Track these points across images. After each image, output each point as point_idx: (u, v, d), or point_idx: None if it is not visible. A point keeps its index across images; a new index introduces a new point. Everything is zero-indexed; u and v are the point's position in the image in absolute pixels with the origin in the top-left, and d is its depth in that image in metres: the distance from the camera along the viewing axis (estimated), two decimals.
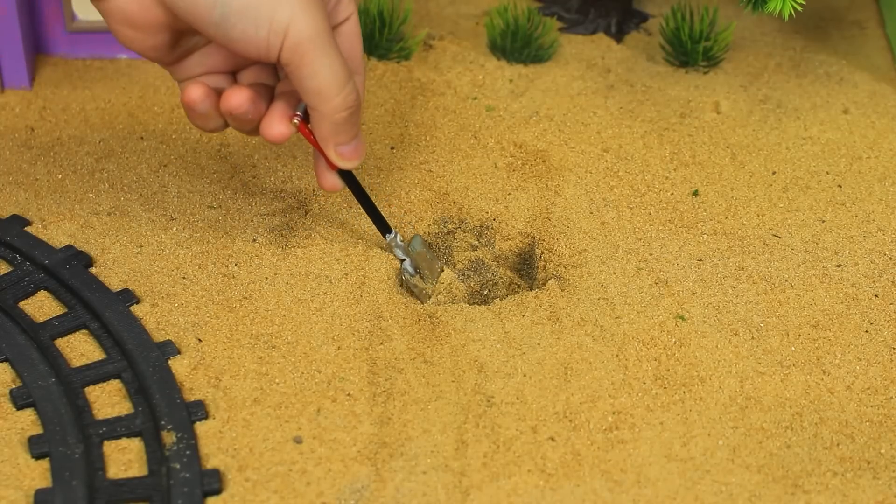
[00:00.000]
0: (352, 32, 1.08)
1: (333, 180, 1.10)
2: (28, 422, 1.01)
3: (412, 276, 1.15)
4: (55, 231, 1.17)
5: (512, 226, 1.21)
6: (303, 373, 1.05)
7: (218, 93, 1.05)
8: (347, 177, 1.11)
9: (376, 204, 1.15)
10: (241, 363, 1.06)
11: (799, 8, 1.26)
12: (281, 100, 1.05)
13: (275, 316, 1.10)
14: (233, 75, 1.09)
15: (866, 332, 1.11)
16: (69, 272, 1.12)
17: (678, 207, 1.22)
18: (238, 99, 1.03)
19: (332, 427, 1.01)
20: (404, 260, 1.15)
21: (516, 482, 0.97)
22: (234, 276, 1.13)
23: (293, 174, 1.24)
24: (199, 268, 1.14)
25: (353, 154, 1.07)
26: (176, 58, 1.06)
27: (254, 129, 1.06)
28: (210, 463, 0.98)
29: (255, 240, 1.17)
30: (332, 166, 1.09)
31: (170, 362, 1.05)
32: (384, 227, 1.15)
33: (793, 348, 1.09)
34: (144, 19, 1.00)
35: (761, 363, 1.07)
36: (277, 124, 1.04)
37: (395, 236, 1.15)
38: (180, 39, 1.04)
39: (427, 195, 1.22)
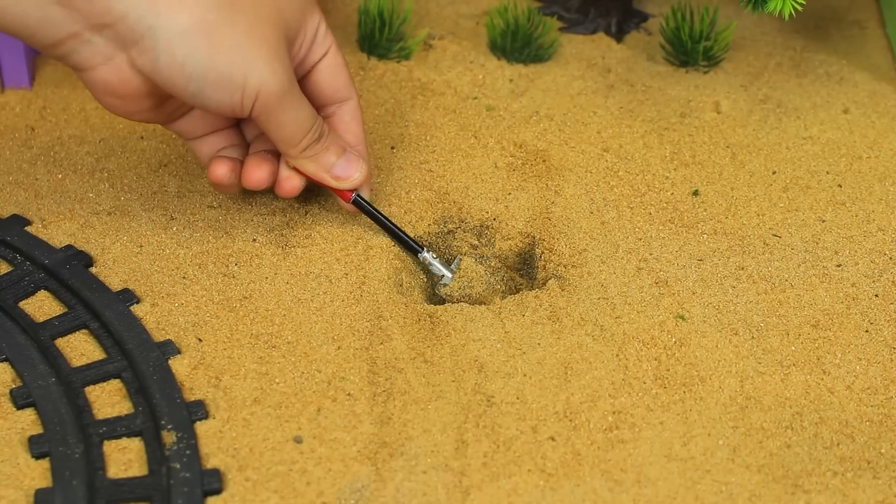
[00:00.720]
0: (333, 65, 1.12)
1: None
2: (28, 421, 1.01)
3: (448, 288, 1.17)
4: (55, 231, 1.17)
5: (512, 225, 1.21)
6: (303, 372, 1.05)
7: (238, 161, 1.12)
8: (363, 206, 1.14)
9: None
10: (241, 363, 1.06)
11: (799, 8, 1.26)
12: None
13: (275, 315, 1.10)
14: (237, 127, 1.15)
15: (866, 331, 1.11)
16: (69, 272, 1.12)
17: (678, 207, 1.22)
18: (259, 176, 1.11)
19: (333, 427, 1.01)
20: (443, 276, 1.16)
21: (516, 482, 0.97)
22: (234, 276, 1.13)
23: None
24: (200, 267, 1.14)
25: (344, 171, 1.12)
26: (166, 118, 1.10)
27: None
28: (210, 462, 0.98)
29: (255, 239, 1.17)
30: (342, 196, 1.13)
31: (170, 362, 1.05)
32: (413, 247, 1.16)
33: (793, 348, 1.09)
34: (126, 89, 1.04)
35: (761, 363, 1.07)
36: (287, 182, 1.12)
37: (429, 253, 1.15)
38: (165, 102, 1.08)
39: (427, 195, 1.22)
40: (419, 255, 1.16)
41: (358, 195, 1.14)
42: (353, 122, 1.14)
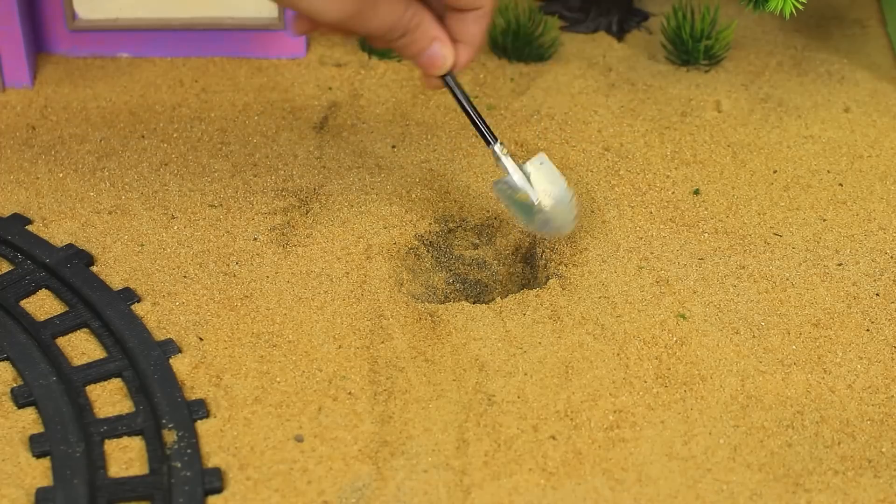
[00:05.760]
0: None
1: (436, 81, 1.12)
2: (29, 420, 1.01)
3: (517, 191, 1.13)
4: (56, 230, 1.17)
5: (513, 224, 1.21)
6: (304, 371, 1.05)
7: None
8: (450, 87, 1.12)
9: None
10: (242, 362, 1.06)
11: (800, 6, 1.26)
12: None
13: (276, 314, 1.10)
14: None
15: (867, 330, 1.11)
16: (70, 271, 1.12)
17: (679, 206, 1.22)
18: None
19: (334, 426, 1.01)
20: (507, 175, 1.13)
21: (517, 481, 0.98)
22: (234, 275, 1.13)
23: (294, 173, 1.24)
24: (200, 266, 1.14)
25: (430, 60, 1.09)
26: None
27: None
28: (211, 461, 0.98)
29: (256, 238, 1.17)
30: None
31: (171, 361, 1.05)
32: (486, 138, 1.13)
33: (794, 347, 1.09)
34: None
35: (762, 362, 1.07)
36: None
37: (502, 146, 1.13)
38: None
39: (428, 194, 1.22)
40: (491, 146, 1.13)
41: (448, 77, 1.11)
42: (475, 25, 1.11)
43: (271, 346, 1.07)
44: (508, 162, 1.13)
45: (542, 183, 1.14)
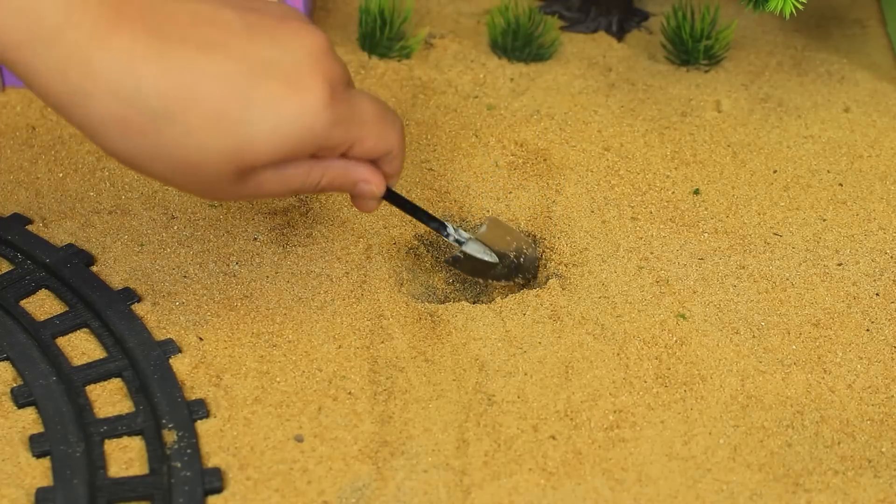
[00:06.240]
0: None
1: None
2: (29, 420, 1.01)
3: (476, 256, 1.14)
4: (56, 229, 1.17)
5: (513, 224, 1.21)
6: (304, 371, 1.05)
7: None
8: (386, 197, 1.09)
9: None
10: (242, 362, 1.06)
11: (800, 6, 1.26)
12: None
13: (276, 314, 1.10)
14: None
15: (867, 330, 1.11)
16: (70, 271, 1.12)
17: (679, 206, 1.22)
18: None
19: (333, 425, 1.01)
20: (464, 243, 1.14)
21: (517, 481, 0.98)
22: (234, 275, 1.13)
23: None
24: (200, 266, 1.14)
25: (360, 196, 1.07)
26: None
27: None
28: (211, 461, 0.98)
29: (255, 238, 1.17)
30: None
31: (171, 361, 1.05)
32: (439, 226, 1.12)
33: (794, 347, 1.09)
34: None
35: (762, 362, 1.07)
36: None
37: (452, 226, 1.13)
38: None
39: (428, 194, 1.22)
40: (445, 230, 1.12)
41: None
42: (388, 166, 1.08)
43: (271, 346, 1.07)
44: (461, 234, 1.14)
45: (496, 241, 1.16)
